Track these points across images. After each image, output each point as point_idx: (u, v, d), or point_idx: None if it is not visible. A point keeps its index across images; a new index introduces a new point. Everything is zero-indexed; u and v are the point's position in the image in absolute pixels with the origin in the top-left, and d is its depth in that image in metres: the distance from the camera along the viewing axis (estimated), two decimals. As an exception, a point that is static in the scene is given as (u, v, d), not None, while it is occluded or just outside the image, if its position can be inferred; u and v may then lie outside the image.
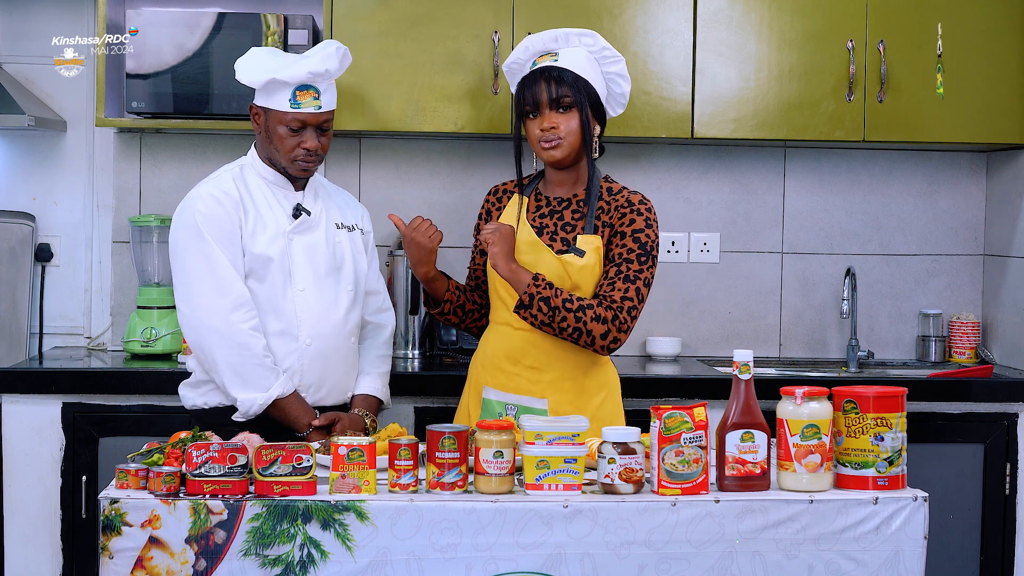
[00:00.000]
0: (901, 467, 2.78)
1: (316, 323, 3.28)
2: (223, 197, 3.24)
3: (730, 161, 4.62)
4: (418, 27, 4.17)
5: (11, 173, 4.54)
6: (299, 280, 3.28)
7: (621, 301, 3.13)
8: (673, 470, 2.69)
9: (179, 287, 3.25)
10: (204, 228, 3.21)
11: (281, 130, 3.25)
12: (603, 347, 3.15)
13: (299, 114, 3.24)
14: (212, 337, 3.18)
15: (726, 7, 4.24)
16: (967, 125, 4.29)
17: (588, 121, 3.22)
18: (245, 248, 3.24)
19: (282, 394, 3.21)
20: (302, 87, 3.23)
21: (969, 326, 4.56)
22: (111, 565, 2.60)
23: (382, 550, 2.61)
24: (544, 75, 3.23)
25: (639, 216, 3.20)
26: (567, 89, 3.20)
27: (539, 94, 3.22)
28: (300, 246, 3.30)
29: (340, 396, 3.37)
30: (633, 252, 3.17)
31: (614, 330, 3.12)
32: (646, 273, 3.17)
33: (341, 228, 3.40)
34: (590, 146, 3.24)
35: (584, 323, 3.12)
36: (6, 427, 3.95)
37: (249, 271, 3.24)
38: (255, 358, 3.18)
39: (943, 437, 4.09)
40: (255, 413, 3.20)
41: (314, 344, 3.28)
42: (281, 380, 3.21)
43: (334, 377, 3.34)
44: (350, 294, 3.36)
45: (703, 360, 4.50)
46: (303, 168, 3.29)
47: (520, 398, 3.25)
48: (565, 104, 3.21)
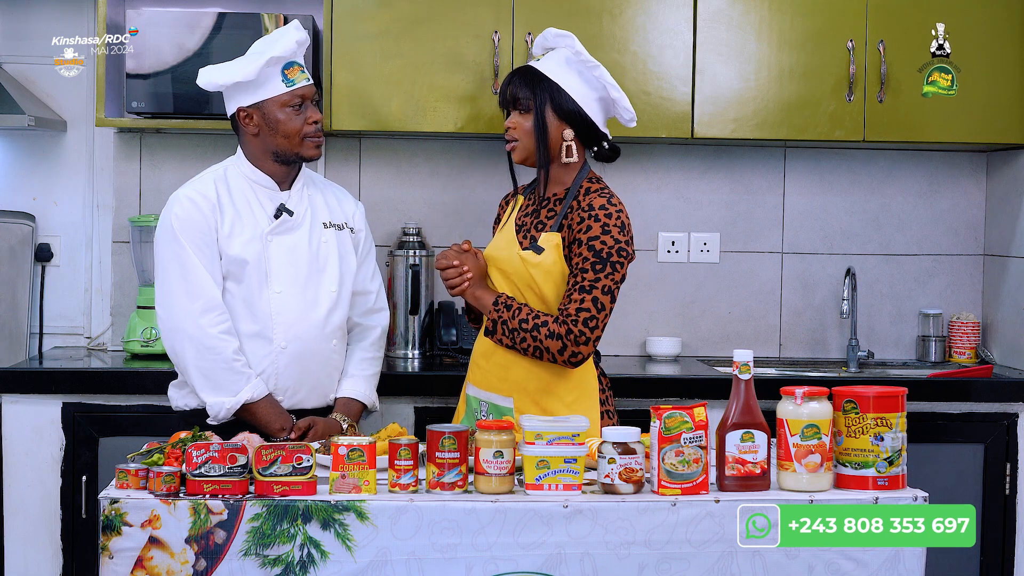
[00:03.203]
0: (901, 467, 2.78)
1: (292, 325, 3.27)
2: (200, 200, 3.25)
3: (730, 161, 4.62)
4: (418, 27, 4.17)
5: (11, 173, 4.55)
6: (276, 282, 3.27)
7: (576, 314, 3.09)
8: (673, 470, 2.69)
9: (156, 289, 3.30)
10: (179, 231, 3.23)
11: (283, 115, 3.26)
12: (565, 362, 3.12)
13: (297, 89, 3.26)
14: (183, 341, 3.21)
15: (726, 7, 4.24)
16: (967, 125, 4.29)
17: (543, 124, 3.19)
18: (221, 250, 3.25)
19: (252, 398, 3.21)
20: (288, 65, 3.25)
21: (969, 326, 4.56)
22: (111, 565, 2.60)
23: (382, 550, 2.61)
24: (516, 75, 3.24)
25: (596, 223, 3.14)
26: (525, 91, 3.19)
27: (504, 93, 3.24)
28: (279, 247, 3.29)
29: (321, 399, 3.36)
30: (588, 261, 3.12)
31: (571, 345, 3.09)
32: (604, 281, 3.11)
33: (329, 227, 3.39)
34: (545, 149, 3.20)
35: (540, 341, 3.11)
36: (6, 427, 3.95)
37: (226, 273, 3.25)
38: (223, 362, 3.19)
39: (943, 437, 4.09)
40: (224, 417, 3.21)
41: (290, 347, 3.27)
42: (252, 384, 3.21)
43: (312, 380, 3.32)
44: (332, 295, 3.34)
45: (703, 360, 4.49)
46: (316, 144, 3.30)
47: (490, 395, 3.25)
48: (521, 106, 3.21)
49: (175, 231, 3.24)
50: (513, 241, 3.25)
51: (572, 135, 3.21)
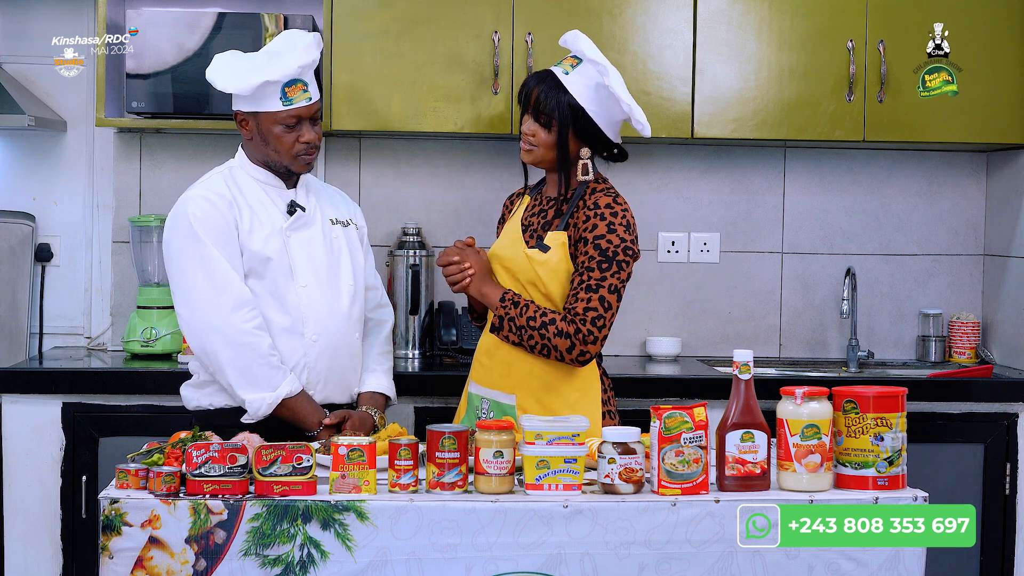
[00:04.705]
0: (901, 467, 2.78)
1: (321, 318, 3.27)
2: (215, 198, 3.23)
3: (730, 161, 4.62)
4: (418, 27, 4.17)
5: (11, 173, 4.55)
6: (301, 276, 3.27)
7: (584, 313, 3.10)
8: (673, 470, 2.69)
9: (177, 291, 3.22)
10: (199, 229, 3.18)
11: (277, 130, 3.24)
12: (572, 360, 3.13)
13: (293, 109, 3.22)
14: (215, 338, 3.15)
15: (726, 7, 4.24)
16: (967, 125, 4.29)
17: (565, 143, 3.19)
18: (243, 246, 3.21)
19: (290, 393, 3.18)
20: (290, 83, 3.21)
21: (969, 326, 4.56)
22: (111, 565, 2.60)
23: (382, 550, 2.61)
24: (544, 80, 3.22)
25: (601, 221, 3.15)
26: (550, 106, 3.18)
27: (529, 96, 3.22)
28: (298, 242, 3.29)
29: (345, 394, 3.35)
30: (594, 260, 3.13)
31: (579, 344, 3.10)
32: (611, 280, 3.12)
33: (336, 223, 3.39)
34: (566, 165, 3.22)
35: (548, 339, 3.11)
36: (6, 427, 3.95)
37: (249, 270, 3.22)
38: (260, 357, 3.15)
39: (943, 437, 4.09)
40: (264, 414, 3.16)
41: (320, 340, 3.26)
42: (289, 379, 3.18)
43: (340, 373, 3.31)
44: (351, 288, 3.35)
45: (703, 360, 4.49)
46: (306, 162, 3.28)
47: (493, 392, 3.25)
48: (544, 120, 3.20)
49: (194, 229, 3.18)
50: (519, 240, 3.26)
51: (588, 154, 3.23)
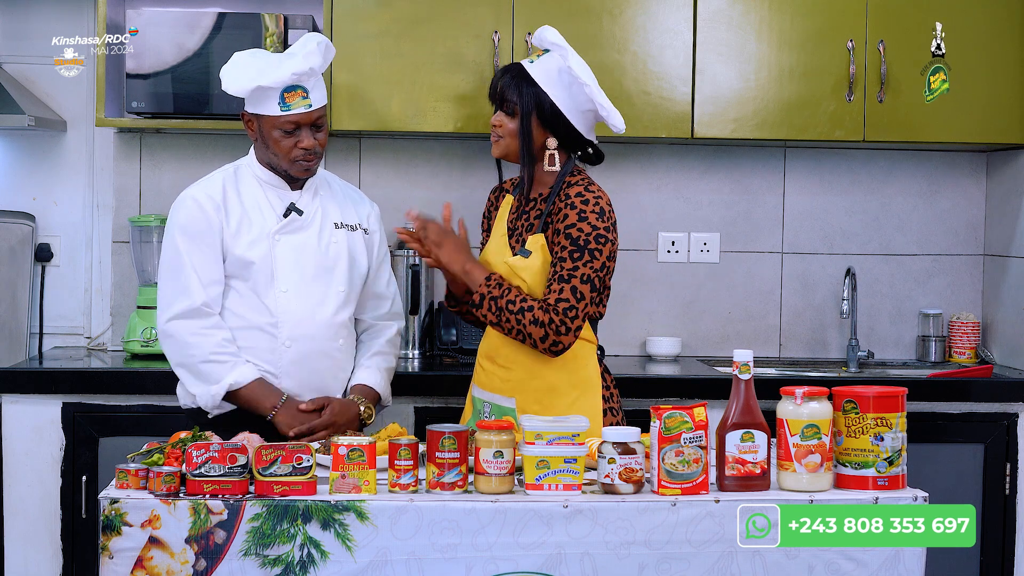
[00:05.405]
0: (901, 467, 2.78)
1: (297, 324, 3.27)
2: (204, 200, 3.27)
3: (730, 161, 4.62)
4: (418, 27, 4.17)
5: (11, 173, 4.55)
6: (282, 281, 3.28)
7: (556, 303, 3.08)
8: (673, 470, 2.69)
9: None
10: (177, 233, 3.26)
11: (276, 134, 3.24)
12: (545, 350, 3.11)
13: (290, 116, 3.22)
14: (166, 341, 3.28)
15: (726, 7, 4.24)
16: (967, 125, 4.29)
17: (528, 130, 3.18)
18: (228, 250, 3.25)
19: (237, 383, 3.21)
20: (289, 88, 3.21)
21: (969, 326, 4.56)
22: (111, 565, 2.60)
23: (382, 550, 2.61)
24: (507, 72, 3.22)
25: (572, 210, 3.12)
26: (513, 93, 3.18)
27: (494, 88, 3.23)
28: (287, 246, 3.29)
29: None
30: (566, 249, 3.11)
31: (552, 334, 3.08)
32: (583, 269, 3.09)
33: (341, 227, 3.38)
34: (529, 153, 3.20)
35: (524, 326, 3.10)
36: (6, 427, 3.95)
37: (232, 272, 3.27)
38: (201, 356, 3.22)
39: (943, 437, 4.09)
40: (215, 405, 3.23)
41: (295, 345, 3.27)
42: (238, 370, 3.21)
43: (318, 380, 3.31)
44: (341, 295, 3.34)
45: (703, 360, 4.49)
46: (305, 168, 3.28)
47: (494, 396, 3.25)
48: (507, 108, 3.20)
49: (174, 232, 3.27)
50: (504, 247, 3.26)
51: (555, 144, 3.20)
